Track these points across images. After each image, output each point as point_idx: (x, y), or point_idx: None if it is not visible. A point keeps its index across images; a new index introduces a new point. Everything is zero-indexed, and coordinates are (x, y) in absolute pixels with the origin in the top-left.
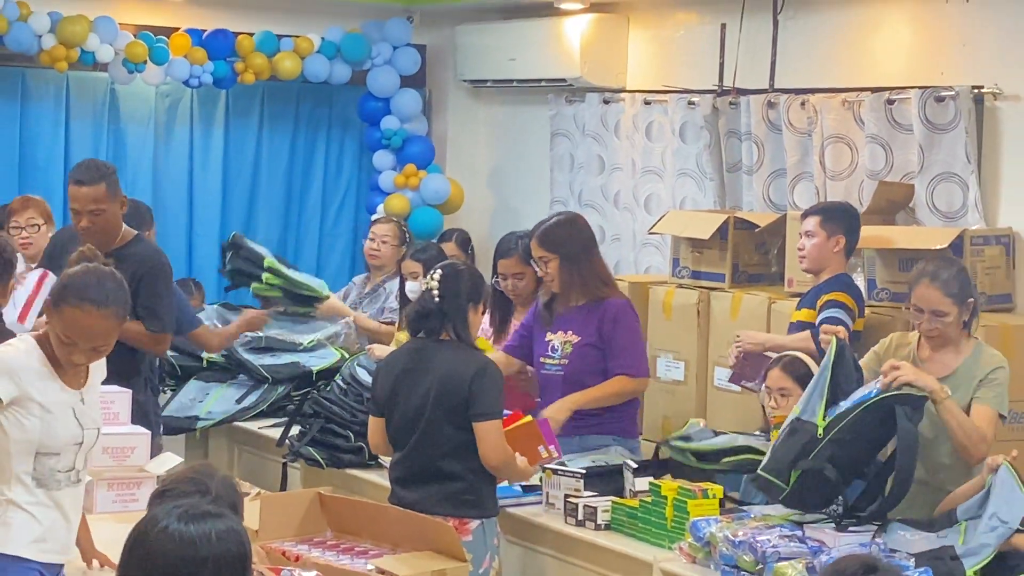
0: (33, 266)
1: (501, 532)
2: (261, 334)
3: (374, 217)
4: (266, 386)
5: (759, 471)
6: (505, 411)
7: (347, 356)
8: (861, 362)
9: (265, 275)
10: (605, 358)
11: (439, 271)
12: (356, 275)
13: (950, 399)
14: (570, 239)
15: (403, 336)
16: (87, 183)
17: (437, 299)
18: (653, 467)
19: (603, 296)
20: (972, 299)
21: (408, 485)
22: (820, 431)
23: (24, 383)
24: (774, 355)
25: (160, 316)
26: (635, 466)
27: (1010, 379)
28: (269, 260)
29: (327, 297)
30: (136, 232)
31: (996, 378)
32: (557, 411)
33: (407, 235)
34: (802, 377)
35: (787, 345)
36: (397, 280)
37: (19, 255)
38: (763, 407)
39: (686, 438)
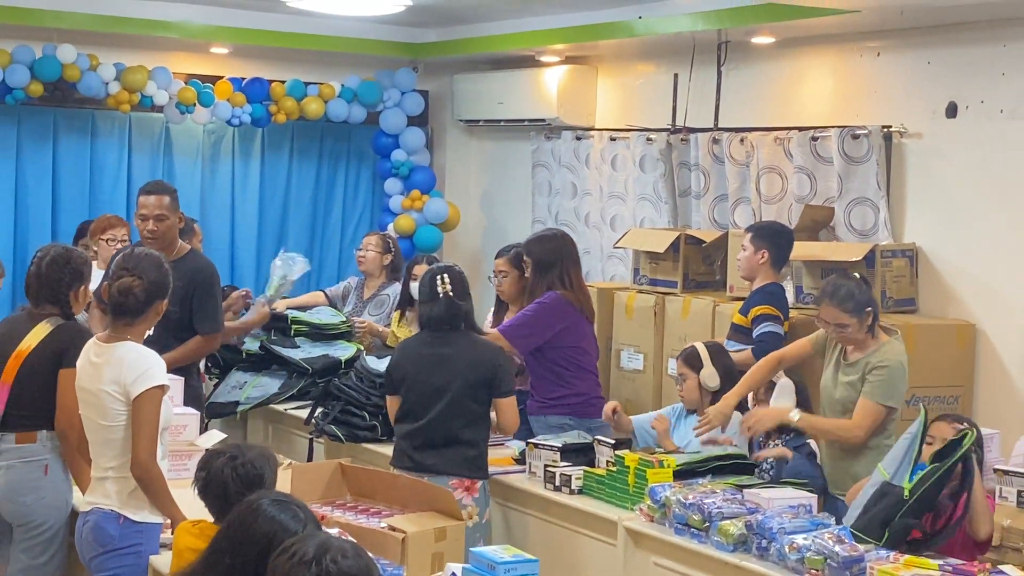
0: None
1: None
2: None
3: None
4: (295, 374)
5: (850, 528)
6: None
7: (362, 349)
8: (808, 339)
9: (294, 326)
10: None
11: (447, 275)
12: None
13: (802, 419)
14: (543, 250)
15: (400, 331)
16: (155, 193)
17: (453, 297)
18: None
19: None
20: (870, 308)
21: (426, 451)
22: (906, 493)
23: None
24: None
25: (213, 318)
26: (612, 442)
27: (906, 368)
28: (292, 316)
29: (346, 323)
30: (190, 247)
31: (879, 375)
32: None
33: (391, 244)
34: (694, 362)
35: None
36: (397, 285)
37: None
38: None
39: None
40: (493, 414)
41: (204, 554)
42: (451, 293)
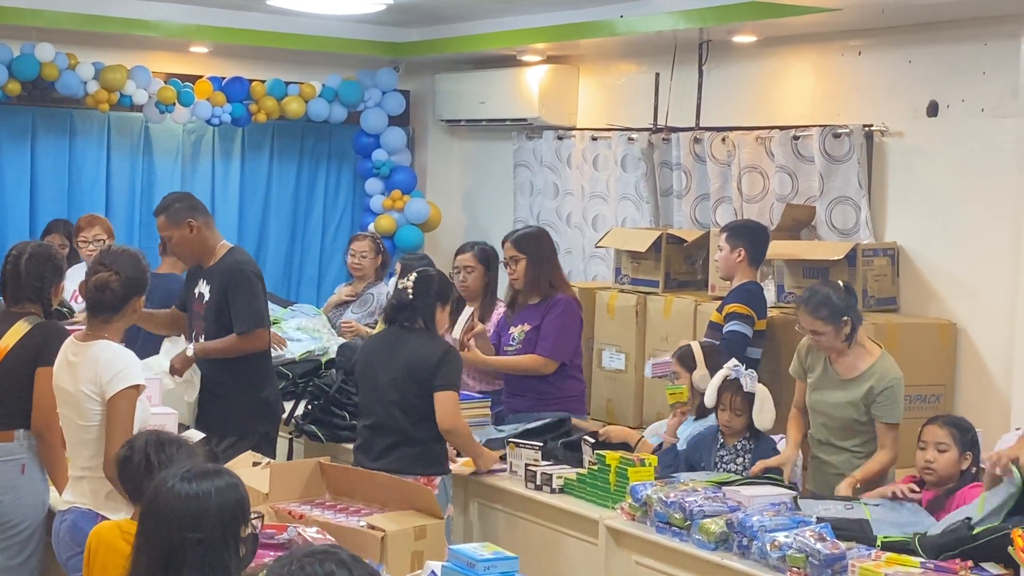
0: None
1: (462, 491)
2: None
3: (354, 235)
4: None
5: (915, 538)
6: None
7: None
8: (794, 373)
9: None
10: None
11: (415, 274)
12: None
13: (859, 475)
14: (537, 246)
15: None
16: (156, 214)
17: (411, 296)
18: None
19: (553, 295)
20: (847, 317)
21: (378, 449)
22: (974, 535)
23: None
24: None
25: (246, 318)
26: (593, 441)
27: (903, 384)
28: (274, 317)
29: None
30: (231, 246)
31: (889, 397)
32: (470, 360)
33: (380, 246)
34: (688, 362)
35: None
36: (382, 285)
37: (84, 264)
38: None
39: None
40: None
41: (132, 550)
42: (409, 291)
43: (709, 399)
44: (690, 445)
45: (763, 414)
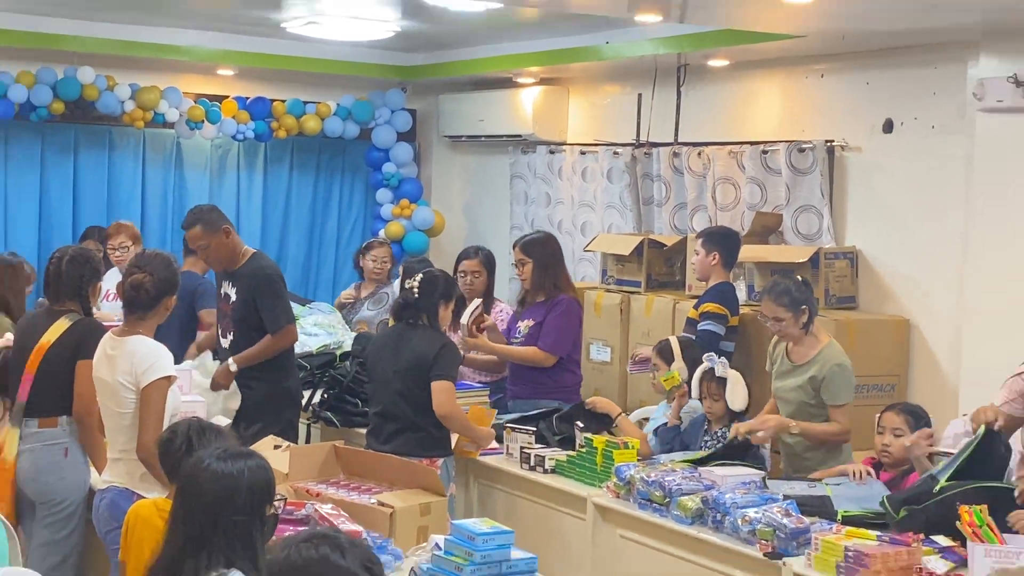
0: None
1: (464, 472)
2: None
3: (370, 241)
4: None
5: (884, 497)
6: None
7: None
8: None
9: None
10: None
11: (421, 274)
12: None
13: (798, 426)
14: (543, 250)
15: None
16: (186, 227)
17: (416, 295)
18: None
19: (556, 295)
20: (805, 306)
21: (385, 436)
22: (937, 488)
23: None
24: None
25: (276, 316)
26: (582, 425)
27: (851, 366)
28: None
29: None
30: (255, 251)
31: (834, 381)
32: (479, 345)
33: (392, 251)
34: (667, 355)
35: None
36: (395, 284)
37: (115, 268)
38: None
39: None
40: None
41: (167, 524)
42: (415, 290)
43: (694, 392)
44: (687, 427)
45: (734, 394)
